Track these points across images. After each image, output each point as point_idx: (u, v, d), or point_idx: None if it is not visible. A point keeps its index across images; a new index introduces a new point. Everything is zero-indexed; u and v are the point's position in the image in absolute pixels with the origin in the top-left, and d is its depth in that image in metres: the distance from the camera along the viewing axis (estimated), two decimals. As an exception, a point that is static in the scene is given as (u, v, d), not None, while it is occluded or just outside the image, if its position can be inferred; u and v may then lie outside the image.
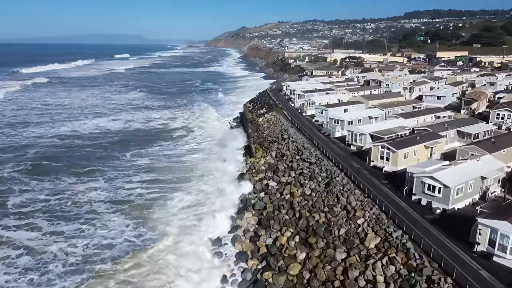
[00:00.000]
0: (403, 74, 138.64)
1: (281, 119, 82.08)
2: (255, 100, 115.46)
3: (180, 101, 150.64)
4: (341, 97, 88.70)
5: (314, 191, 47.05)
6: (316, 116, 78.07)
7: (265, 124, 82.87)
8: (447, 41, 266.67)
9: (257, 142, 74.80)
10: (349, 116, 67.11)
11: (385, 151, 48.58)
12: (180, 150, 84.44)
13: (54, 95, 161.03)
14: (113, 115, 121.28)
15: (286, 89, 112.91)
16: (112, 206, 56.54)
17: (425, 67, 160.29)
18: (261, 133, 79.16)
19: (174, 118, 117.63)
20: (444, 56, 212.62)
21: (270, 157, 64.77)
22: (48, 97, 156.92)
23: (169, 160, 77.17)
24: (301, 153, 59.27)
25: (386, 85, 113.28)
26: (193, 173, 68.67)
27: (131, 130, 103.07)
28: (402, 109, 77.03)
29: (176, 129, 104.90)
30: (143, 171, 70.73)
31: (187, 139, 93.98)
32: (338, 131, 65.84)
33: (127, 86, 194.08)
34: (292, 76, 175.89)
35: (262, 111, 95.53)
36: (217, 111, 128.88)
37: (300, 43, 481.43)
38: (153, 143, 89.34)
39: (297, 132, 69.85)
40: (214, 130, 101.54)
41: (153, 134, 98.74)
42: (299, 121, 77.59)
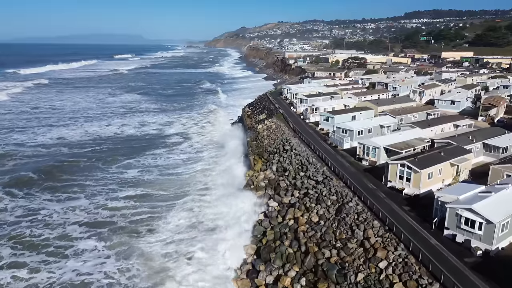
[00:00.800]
0: (410, 76, 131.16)
1: (282, 126, 74.62)
2: (254, 104, 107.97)
3: (177, 104, 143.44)
4: (347, 102, 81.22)
5: (322, 218, 39.54)
6: (321, 123, 70.58)
7: (265, 132, 75.38)
8: (450, 41, 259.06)
9: (255, 153, 67.36)
10: (359, 126, 59.58)
11: (405, 170, 41.12)
12: (175, 159, 77.13)
13: (46, 98, 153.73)
14: (106, 119, 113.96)
15: (287, 92, 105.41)
16: (90, 230, 49.12)
17: (431, 68, 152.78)
18: (261, 142, 71.70)
19: (170, 123, 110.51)
20: (449, 56, 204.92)
21: (271, 171, 57.32)
22: (40, 99, 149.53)
23: (161, 172, 69.79)
24: (305, 168, 51.77)
25: (394, 88, 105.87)
26: (189, 188, 61.33)
27: (123, 136, 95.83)
28: (415, 116, 69.56)
29: (172, 135, 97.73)
30: (130, 186, 63.36)
31: (183, 147, 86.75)
32: (347, 142, 58.35)
33: (123, 88, 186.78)
34: (293, 78, 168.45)
35: (262, 116, 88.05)
36: (215, 115, 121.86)
37: (300, 43, 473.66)
38: (146, 152, 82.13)
39: (300, 143, 62.35)
40: (212, 137, 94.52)
41: (146, 141, 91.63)
42: (302, 129, 70.11)
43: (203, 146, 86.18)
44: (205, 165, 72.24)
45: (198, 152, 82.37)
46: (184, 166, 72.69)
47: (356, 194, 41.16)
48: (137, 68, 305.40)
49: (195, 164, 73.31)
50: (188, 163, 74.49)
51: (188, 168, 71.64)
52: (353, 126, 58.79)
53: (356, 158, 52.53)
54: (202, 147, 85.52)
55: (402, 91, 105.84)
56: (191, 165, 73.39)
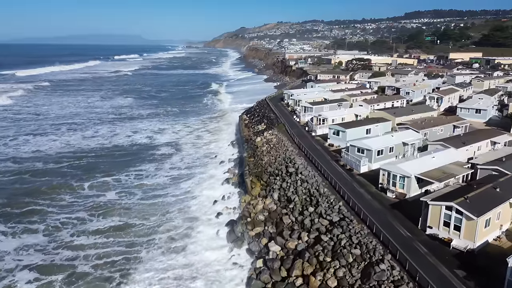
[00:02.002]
0: (421, 79, 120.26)
1: (284, 140, 63.72)
2: (253, 110, 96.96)
3: (172, 108, 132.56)
4: (358, 111, 70.30)
5: (343, 283, 28.68)
6: (330, 138, 59.65)
7: (264, 147, 64.43)
8: (456, 42, 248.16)
9: (253, 173, 56.49)
10: (378, 144, 48.63)
11: (453, 215, 30.30)
12: (162, 177, 66.28)
13: (32, 102, 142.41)
14: (91, 127, 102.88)
15: (288, 98, 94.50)
16: (42, 277, 38.55)
17: (442, 71, 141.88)
18: (259, 159, 60.76)
19: (163, 131, 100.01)
20: (457, 57, 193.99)
21: (271, 200, 46.44)
22: (24, 104, 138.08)
23: (144, 195, 58.91)
24: (315, 201, 40.83)
25: (406, 94, 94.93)
26: (175, 217, 50.55)
27: (107, 148, 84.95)
28: (441, 129, 58.71)
29: (162, 145, 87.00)
30: (104, 213, 52.52)
31: (174, 160, 76.13)
32: (364, 164, 47.48)
33: (116, 90, 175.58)
34: (295, 81, 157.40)
35: (261, 127, 77.11)
36: (210, 120, 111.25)
37: (300, 44, 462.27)
38: (130, 167, 71.46)
39: (307, 164, 51.34)
40: (207, 148, 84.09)
41: (133, 154, 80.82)
42: (307, 145, 59.16)
43: (196, 160, 75.49)
44: (195, 185, 61.74)
45: (189, 167, 71.71)
46: (172, 186, 61.98)
47: (388, 247, 30.25)
48: (137, 70, 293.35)
49: (185, 183, 62.70)
50: (178, 182, 63.83)
51: (176, 189, 60.94)
52: (371, 145, 47.83)
53: (379, 187, 41.65)
54: (194, 161, 74.83)
55: (416, 97, 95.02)
56: (180, 184, 62.76)
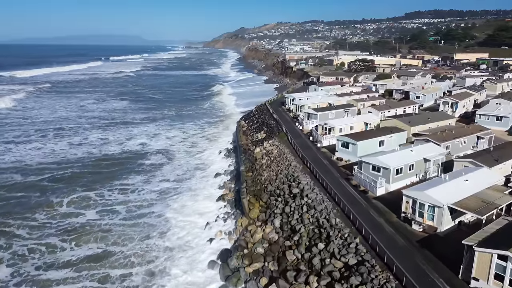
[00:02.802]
0: (429, 81, 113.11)
1: (287, 152, 56.49)
2: (252, 116, 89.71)
3: (167, 111, 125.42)
4: (368, 119, 63.03)
5: None
6: (338, 151, 52.42)
7: (264, 160, 57.21)
8: (460, 42, 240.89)
9: (251, 191, 49.31)
10: (396, 161, 41.38)
11: (509, 267, 23.19)
12: (149, 192, 59.44)
13: (21, 105, 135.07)
14: (80, 134, 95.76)
15: (290, 102, 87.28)
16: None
17: (450, 72, 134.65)
18: (258, 174, 53.59)
19: (156, 136, 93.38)
20: (463, 58, 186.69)
21: (272, 228, 39.29)
22: (13, 107, 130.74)
23: (127, 214, 52.11)
24: (325, 234, 33.60)
25: (417, 98, 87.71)
26: (158, 244, 43.53)
27: (95, 157, 78.00)
28: (464, 141, 51.55)
29: (154, 154, 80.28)
30: (78, 238, 45.53)
31: (164, 172, 69.40)
32: (381, 185, 40.27)
33: (109, 92, 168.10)
34: (296, 83, 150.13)
35: (260, 135, 69.89)
36: (208, 125, 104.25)
37: (300, 44, 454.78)
38: (116, 180, 64.63)
39: (313, 184, 44.07)
40: (202, 157, 77.31)
41: (121, 164, 73.91)
42: (312, 158, 51.96)
43: (188, 172, 68.44)
44: (185, 203, 54.77)
45: (180, 180, 64.81)
46: (159, 204, 54.98)
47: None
48: (138, 71, 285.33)
49: (174, 200, 55.70)
50: (166, 198, 56.78)
51: (163, 206, 53.95)
52: (389, 163, 40.61)
53: (402, 217, 34.47)
54: (186, 173, 67.82)
55: (427, 101, 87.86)
56: (168, 201, 55.73)
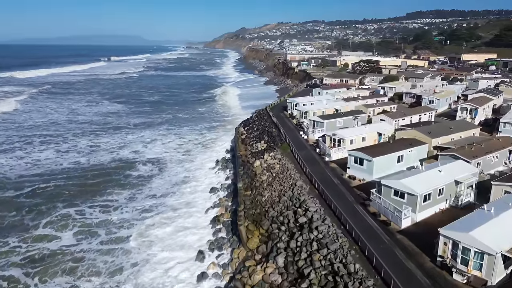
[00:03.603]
0: (440, 84, 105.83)
1: (290, 168, 49.27)
2: (251, 122, 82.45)
3: (166, 114, 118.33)
4: (381, 128, 55.72)
5: None
6: (351, 167, 45.17)
7: (265, 176, 50.03)
8: (465, 42, 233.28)
9: (250, 215, 42.15)
10: (423, 185, 34.11)
11: None
12: (133, 211, 52.74)
13: (11, 107, 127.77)
14: (69, 140, 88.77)
15: (293, 108, 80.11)
16: None
17: (461, 74, 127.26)
18: (258, 194, 46.42)
19: (150, 143, 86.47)
20: (470, 59, 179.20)
21: (275, 267, 32.16)
22: (1, 110, 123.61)
23: (106, 237, 45.96)
24: (342, 286, 26.47)
25: (430, 102, 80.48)
26: (137, 281, 36.53)
27: (82, 167, 71.61)
28: (496, 157, 44.34)
29: (145, 163, 73.87)
30: (43, 271, 39.11)
31: (154, 185, 62.93)
32: (407, 216, 33.10)
33: (104, 94, 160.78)
34: (298, 85, 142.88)
35: (260, 146, 62.68)
36: (207, 130, 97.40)
37: (302, 44, 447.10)
38: (99, 194, 58.46)
39: (323, 212, 36.75)
40: (196, 168, 70.65)
41: (108, 174, 67.40)
42: (321, 176, 44.69)
43: (179, 185, 61.59)
44: (173, 224, 48.07)
45: (169, 195, 58.16)
46: (142, 224, 48.06)
47: None
48: (141, 71, 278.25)
49: (160, 221, 48.78)
50: (148, 218, 49.89)
51: (147, 228, 47.11)
52: (415, 187, 33.39)
53: (438, 261, 27.28)
54: (177, 187, 60.95)
55: (441, 106, 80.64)
56: (151, 221, 48.96)
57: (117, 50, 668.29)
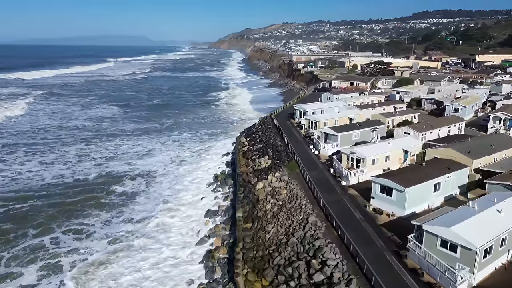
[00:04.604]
0: (460, 88, 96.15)
1: (300, 195, 40.13)
2: (254, 132, 73.35)
3: (166, 120, 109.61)
4: (408, 145, 46.41)
5: None
6: (375, 198, 35.97)
7: (269, 204, 40.97)
8: (477, 42, 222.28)
9: (249, 260, 33.13)
10: (484, 235, 24.95)
11: None
12: (105, 240, 44.50)
13: (1, 113, 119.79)
14: (57, 150, 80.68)
15: (300, 115, 71.01)
16: None
17: (480, 77, 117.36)
18: (261, 229, 37.38)
19: (146, 152, 78.37)
20: (486, 60, 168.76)
21: None
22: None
23: (69, 275, 37.53)
24: None
25: (455, 110, 71.06)
26: None
27: (65, 182, 64.43)
28: (558, 186, 35.05)
29: (134, 177, 65.50)
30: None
31: (136, 205, 55.09)
32: (463, 280, 24.01)
33: (101, 97, 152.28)
34: (305, 88, 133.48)
35: (264, 162, 53.62)
36: (208, 137, 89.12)
37: (307, 45, 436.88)
38: (76, 216, 50.02)
39: (346, 266, 27.80)
40: (190, 183, 62.40)
41: (91, 191, 59.79)
42: (339, 210, 35.35)
43: (165, 207, 53.02)
44: (153, 262, 39.48)
45: (149, 219, 49.85)
46: (116, 262, 39.53)
47: None
48: (147, 72, 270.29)
49: (136, 256, 40.44)
50: (127, 252, 41.47)
51: (120, 268, 38.56)
52: (472, 239, 24.19)
53: None
54: (162, 207, 52.59)
55: (467, 114, 71.18)
56: (130, 257, 40.45)
57: (123, 50, 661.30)
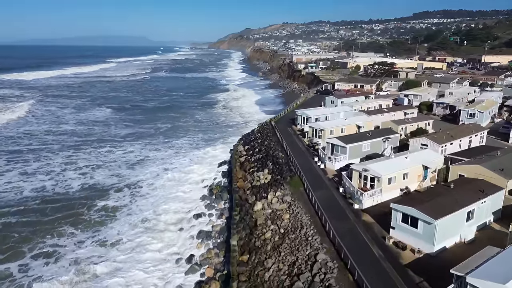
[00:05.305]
0: (473, 91, 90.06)
1: (305, 223, 33.91)
2: (253, 139, 67.06)
3: (161, 124, 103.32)
4: (427, 160, 40.15)
5: None
6: (396, 228, 29.87)
7: (269, 232, 34.81)
8: (481, 42, 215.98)
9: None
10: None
11: None
12: (72, 272, 38.84)
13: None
14: (42, 158, 74.83)
15: (303, 122, 64.86)
16: None
17: (490, 79, 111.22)
18: (259, 264, 31.20)
19: (140, 162, 72.41)
20: (492, 61, 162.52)
21: None
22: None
23: None
24: None
25: (470, 116, 64.93)
26: None
27: (43, 196, 59.41)
28: None
29: (121, 188, 59.85)
30: None
31: (116, 223, 49.49)
32: None
33: (95, 100, 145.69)
34: (305, 90, 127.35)
35: (263, 176, 47.46)
36: (205, 143, 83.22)
37: (307, 45, 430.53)
38: (48, 237, 44.76)
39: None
40: (182, 195, 56.82)
41: (70, 207, 54.91)
42: (354, 245, 29.26)
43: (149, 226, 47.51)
44: None
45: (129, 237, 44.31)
46: None
47: None
48: (148, 73, 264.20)
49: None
50: (84, 283, 36.10)
51: None
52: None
53: None
54: (146, 229, 46.65)
55: (484, 121, 65.08)
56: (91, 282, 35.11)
57: (124, 51, 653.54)
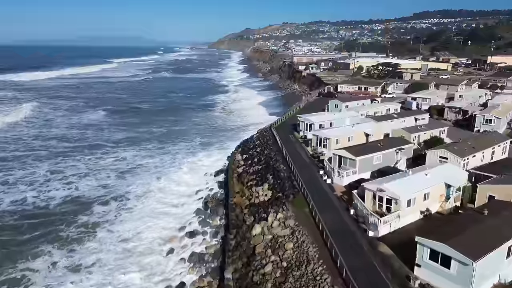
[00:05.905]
0: (484, 94, 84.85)
1: (312, 255, 28.63)
2: (251, 147, 61.73)
3: (156, 129, 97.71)
4: (449, 177, 34.97)
5: None
6: (423, 267, 24.72)
7: (269, 264, 29.57)
8: (486, 42, 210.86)
9: None
10: None
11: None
12: None
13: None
14: (26, 166, 69.49)
15: (306, 129, 59.68)
16: None
17: (500, 80, 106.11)
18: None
19: (131, 170, 67.40)
20: (498, 61, 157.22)
21: None
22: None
23: None
24: None
25: (486, 122, 59.78)
26: None
27: (22, 210, 54.95)
28: None
29: (108, 201, 55.12)
30: None
31: (95, 244, 44.26)
32: None
33: (89, 101, 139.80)
34: (307, 92, 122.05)
35: (262, 192, 42.22)
36: (201, 147, 77.53)
37: (308, 45, 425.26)
38: (21, 259, 39.39)
39: None
40: (174, 210, 51.93)
41: (50, 223, 50.40)
42: (368, 283, 24.44)
43: (114, 244, 42.51)
44: None
45: (108, 265, 39.48)
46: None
47: None
48: (150, 73, 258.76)
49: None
50: None
51: None
52: None
53: None
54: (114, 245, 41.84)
55: (501, 127, 59.90)
56: None
57: (125, 51, 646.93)
